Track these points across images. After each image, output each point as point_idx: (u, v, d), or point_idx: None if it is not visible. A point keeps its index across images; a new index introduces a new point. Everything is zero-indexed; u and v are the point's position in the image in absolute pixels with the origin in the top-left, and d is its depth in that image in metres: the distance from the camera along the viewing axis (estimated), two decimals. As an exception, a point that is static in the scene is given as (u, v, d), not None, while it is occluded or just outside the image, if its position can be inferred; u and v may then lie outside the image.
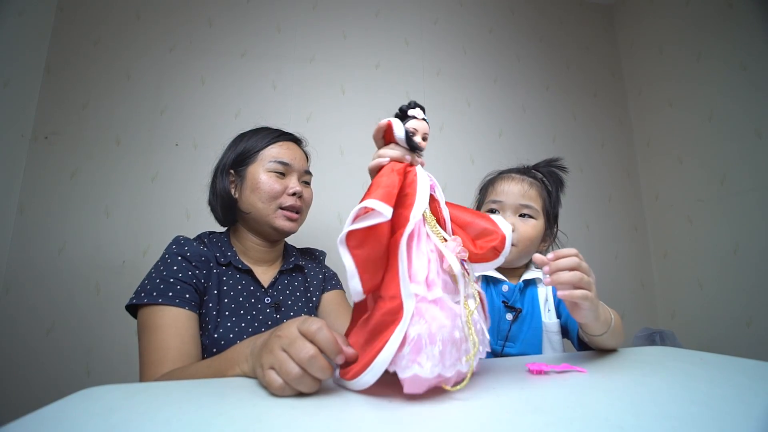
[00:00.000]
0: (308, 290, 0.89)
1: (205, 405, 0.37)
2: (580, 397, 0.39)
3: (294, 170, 0.85)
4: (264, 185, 0.81)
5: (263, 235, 0.85)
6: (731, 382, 0.43)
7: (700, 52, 1.61)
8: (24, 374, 1.20)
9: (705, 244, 1.58)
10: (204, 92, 1.49)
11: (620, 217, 1.81)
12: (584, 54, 1.94)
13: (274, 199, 0.82)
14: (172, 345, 0.65)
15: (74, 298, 1.26)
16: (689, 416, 0.33)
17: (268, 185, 0.81)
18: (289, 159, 0.84)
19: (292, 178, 0.85)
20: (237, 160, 0.85)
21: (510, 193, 0.79)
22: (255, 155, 0.84)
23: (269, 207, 0.81)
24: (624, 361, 0.55)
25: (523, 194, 0.78)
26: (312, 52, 1.62)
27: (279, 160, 0.83)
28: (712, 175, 1.55)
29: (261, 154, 0.84)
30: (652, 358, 0.56)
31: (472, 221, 0.51)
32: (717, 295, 1.52)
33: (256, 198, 0.81)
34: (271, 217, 0.81)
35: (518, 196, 0.78)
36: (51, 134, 1.35)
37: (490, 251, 0.49)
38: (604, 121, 1.89)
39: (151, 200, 1.37)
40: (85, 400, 0.37)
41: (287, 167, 0.84)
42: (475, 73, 1.78)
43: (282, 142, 0.87)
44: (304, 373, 0.38)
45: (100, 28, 1.45)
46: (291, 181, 0.84)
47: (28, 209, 1.29)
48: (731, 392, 0.40)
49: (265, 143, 0.85)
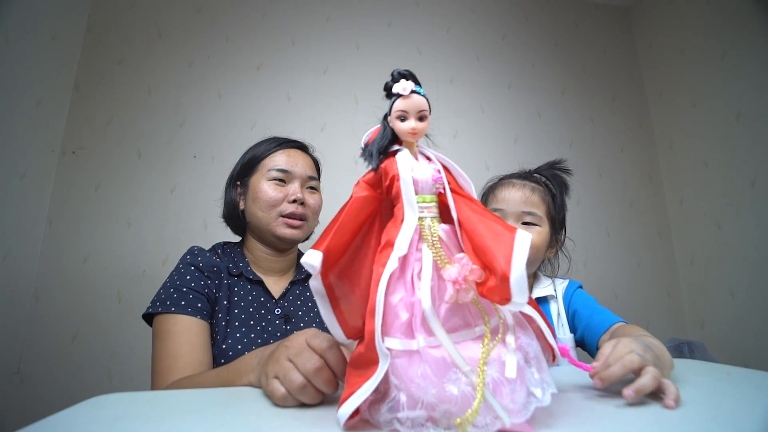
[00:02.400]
0: None
1: (209, 415, 0.37)
2: (592, 413, 0.37)
3: (295, 177, 0.84)
4: (263, 194, 0.81)
5: (269, 244, 0.85)
6: (761, 400, 0.41)
7: (725, 50, 1.55)
8: (51, 378, 1.25)
9: (735, 249, 1.50)
10: (221, 105, 1.53)
11: (642, 223, 1.75)
12: (601, 57, 1.90)
13: (274, 207, 0.81)
14: (184, 353, 0.66)
15: (98, 306, 1.31)
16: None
17: (267, 193, 0.81)
18: (288, 166, 0.84)
19: (293, 185, 0.84)
20: (242, 171, 0.86)
21: (511, 200, 0.76)
22: (257, 165, 0.84)
23: (269, 215, 0.81)
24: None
25: (525, 200, 0.75)
26: (325, 63, 1.65)
27: (278, 167, 0.83)
28: (742, 177, 1.48)
29: (262, 164, 0.84)
30: (674, 373, 0.53)
31: (484, 244, 0.35)
32: (750, 304, 1.44)
33: (257, 207, 0.81)
34: (273, 225, 0.81)
35: (520, 203, 0.75)
36: (78, 149, 1.41)
37: (497, 297, 0.34)
38: (624, 125, 1.84)
39: (170, 211, 1.41)
40: (93, 408, 0.38)
41: (287, 174, 0.83)
42: (489, 80, 1.77)
43: (283, 149, 0.86)
44: (308, 384, 0.38)
45: (124, 47, 1.52)
46: (291, 188, 0.83)
47: (56, 221, 1.35)
48: (760, 412, 0.37)
49: (267, 152, 0.85)
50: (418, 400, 0.32)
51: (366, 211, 0.39)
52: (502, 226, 0.35)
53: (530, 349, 0.35)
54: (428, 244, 0.36)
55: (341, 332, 0.38)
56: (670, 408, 0.37)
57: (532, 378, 0.34)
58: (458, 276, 0.33)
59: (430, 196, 0.38)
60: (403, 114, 0.38)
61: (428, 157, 0.41)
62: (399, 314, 0.34)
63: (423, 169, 0.38)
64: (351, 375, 0.35)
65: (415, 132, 0.38)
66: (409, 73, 0.38)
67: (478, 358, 0.32)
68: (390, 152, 0.39)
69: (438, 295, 0.35)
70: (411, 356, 0.33)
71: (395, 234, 0.36)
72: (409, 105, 0.37)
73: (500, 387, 0.32)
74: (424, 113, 0.38)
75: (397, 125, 0.38)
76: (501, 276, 0.32)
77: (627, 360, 0.41)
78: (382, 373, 0.32)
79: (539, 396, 0.33)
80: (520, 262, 0.31)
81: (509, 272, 0.31)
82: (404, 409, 0.32)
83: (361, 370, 0.35)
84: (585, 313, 0.73)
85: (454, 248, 0.37)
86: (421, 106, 0.38)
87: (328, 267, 0.38)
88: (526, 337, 0.36)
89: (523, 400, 0.32)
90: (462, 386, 0.31)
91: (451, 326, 0.35)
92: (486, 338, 0.34)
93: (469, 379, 0.31)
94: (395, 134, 0.39)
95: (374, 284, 0.34)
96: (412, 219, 0.36)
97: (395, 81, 0.38)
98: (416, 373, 0.32)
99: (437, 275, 0.35)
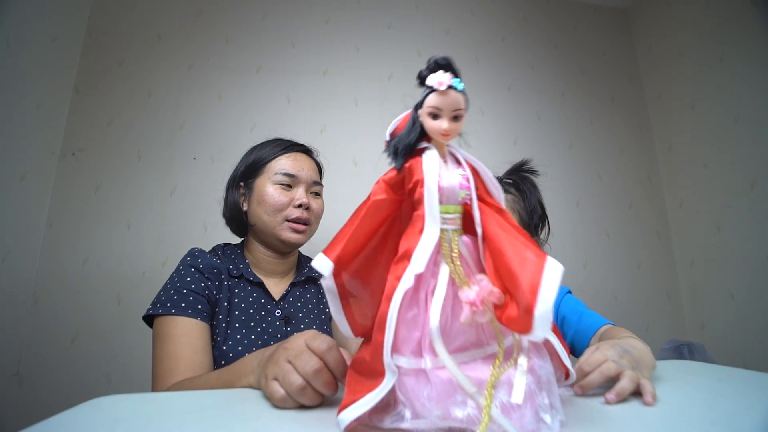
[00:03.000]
0: (321, 302, 0.89)
1: (208, 417, 0.37)
2: (587, 416, 0.37)
3: (301, 181, 0.85)
4: (269, 197, 0.81)
5: (272, 246, 0.85)
6: (761, 401, 0.41)
7: (723, 52, 1.56)
8: (51, 381, 1.25)
9: (735, 251, 1.50)
10: (221, 107, 1.53)
11: (642, 225, 1.75)
12: (600, 59, 1.90)
13: (280, 212, 0.82)
14: (184, 355, 0.66)
15: (97, 309, 1.31)
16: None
17: (273, 197, 0.81)
18: (295, 170, 0.84)
19: (299, 190, 0.84)
20: (246, 172, 0.86)
21: None
22: (263, 167, 0.84)
23: (275, 219, 0.81)
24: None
25: None
26: (325, 65, 1.65)
27: (285, 171, 0.83)
28: (741, 179, 1.48)
29: (268, 166, 0.84)
30: (673, 374, 0.53)
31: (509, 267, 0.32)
32: (750, 305, 1.44)
33: (262, 210, 0.82)
34: (278, 229, 0.81)
35: None
36: (78, 151, 1.41)
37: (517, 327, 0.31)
38: (623, 127, 1.84)
39: (170, 213, 1.41)
40: (92, 410, 0.38)
41: (293, 179, 0.84)
42: (489, 82, 1.77)
43: (289, 153, 0.86)
44: (307, 386, 0.38)
45: (124, 49, 1.52)
46: (297, 193, 0.84)
47: (56, 223, 1.35)
48: (760, 413, 0.37)
49: (273, 155, 0.85)
50: (422, 419, 0.31)
51: (383, 214, 0.37)
52: (531, 251, 0.32)
53: (542, 372, 0.34)
54: (447, 260, 0.33)
55: (348, 328, 0.39)
56: (649, 405, 0.39)
57: (542, 403, 0.32)
58: (476, 299, 0.31)
59: (454, 207, 0.35)
60: (435, 111, 0.33)
61: (458, 159, 0.37)
62: (410, 331, 0.33)
63: (450, 176, 0.35)
64: (353, 380, 0.35)
65: (447, 133, 0.34)
66: (447, 62, 0.33)
67: (486, 379, 0.31)
68: (417, 149, 0.36)
69: (452, 313, 0.33)
70: (418, 375, 0.32)
71: (414, 245, 0.33)
72: (443, 102, 0.33)
73: (509, 412, 0.31)
74: (459, 112, 0.33)
75: (428, 122, 0.34)
76: (525, 308, 0.29)
77: (604, 368, 0.43)
78: (387, 388, 0.32)
79: (548, 422, 0.32)
80: (549, 296, 0.29)
81: (534, 305, 0.29)
82: (408, 421, 0.32)
83: (364, 378, 0.34)
84: (573, 318, 0.73)
85: (474, 264, 0.35)
86: (457, 104, 0.33)
87: (342, 268, 0.37)
88: (540, 359, 0.34)
89: (532, 426, 0.31)
90: (468, 410, 0.30)
91: (462, 344, 0.34)
92: (498, 360, 0.33)
93: (476, 401, 0.30)
94: (423, 129, 0.35)
95: (386, 297, 0.33)
96: (433, 232, 0.33)
97: (431, 71, 0.33)
98: (422, 393, 0.31)
99: (453, 292, 0.33)
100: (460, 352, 0.33)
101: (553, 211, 1.69)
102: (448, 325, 0.33)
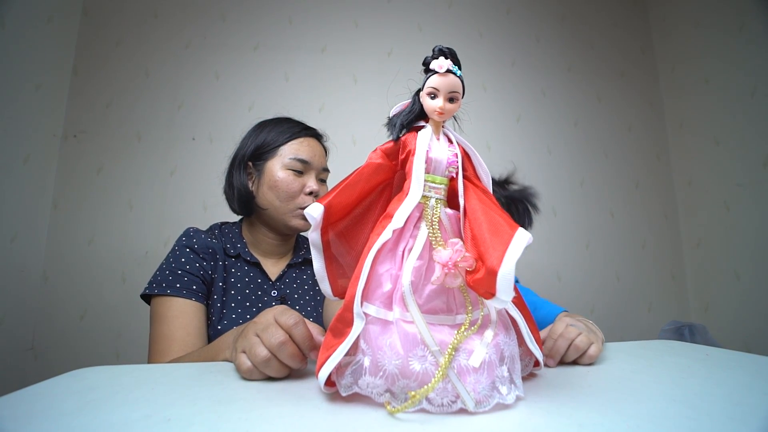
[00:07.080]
0: (317, 284, 0.89)
1: (178, 387, 0.38)
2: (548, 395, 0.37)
3: (313, 168, 0.83)
4: (282, 183, 0.79)
5: (276, 230, 0.84)
6: (732, 380, 0.40)
7: (743, 23, 1.47)
8: (63, 355, 1.31)
9: (744, 232, 1.46)
10: (219, 87, 1.52)
11: (648, 205, 1.71)
12: (611, 31, 1.82)
13: (293, 199, 0.80)
14: (177, 336, 0.67)
15: (103, 287, 1.35)
16: (674, 417, 0.31)
17: (286, 183, 0.79)
18: (308, 157, 0.82)
19: (310, 177, 0.82)
20: (255, 153, 0.83)
21: None
22: (274, 150, 0.82)
23: (287, 206, 0.80)
24: (625, 355, 0.52)
25: None
26: (323, 42, 1.62)
27: (298, 157, 0.81)
28: (753, 157, 1.43)
29: (281, 150, 0.81)
30: (649, 353, 0.53)
31: (481, 235, 0.34)
32: (755, 287, 1.41)
33: (274, 196, 0.80)
34: (288, 216, 0.80)
35: None
36: (79, 133, 1.43)
37: (482, 290, 0.33)
38: (632, 102, 1.77)
39: (170, 193, 1.43)
40: (72, 380, 0.40)
41: (306, 165, 0.82)
42: (492, 57, 1.71)
43: (303, 138, 0.84)
44: (272, 357, 0.39)
45: (121, 28, 1.51)
46: (309, 180, 0.82)
47: (61, 204, 1.38)
48: (723, 391, 0.37)
49: (286, 138, 0.82)
50: (380, 368, 0.32)
51: (377, 178, 0.40)
52: (505, 222, 0.34)
53: (506, 349, 0.35)
54: (427, 223, 0.36)
55: (329, 288, 0.41)
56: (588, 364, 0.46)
57: (501, 375, 0.33)
58: (449, 260, 0.33)
59: (440, 178, 0.38)
60: (433, 91, 0.37)
61: (451, 140, 0.40)
62: (382, 284, 0.35)
63: (440, 149, 0.38)
64: (328, 339, 0.36)
65: (442, 112, 0.37)
66: (450, 51, 0.38)
67: (450, 342, 0.32)
68: (414, 127, 0.40)
69: (425, 275, 0.35)
70: (385, 326, 0.34)
71: (397, 207, 0.36)
72: (441, 83, 0.37)
73: (464, 374, 0.32)
74: (455, 95, 0.37)
75: (426, 102, 0.38)
76: (489, 269, 0.31)
77: (566, 332, 0.48)
78: (356, 333, 0.33)
79: (503, 393, 0.33)
80: (512, 259, 0.31)
81: (498, 267, 0.31)
82: (366, 375, 0.33)
83: (337, 334, 0.36)
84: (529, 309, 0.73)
85: (453, 234, 0.37)
86: (453, 86, 0.37)
87: (329, 224, 0.40)
88: (506, 337, 0.35)
89: (486, 392, 0.32)
90: (426, 364, 0.31)
91: (432, 308, 0.35)
92: (463, 326, 0.34)
93: (436, 358, 0.31)
94: (423, 111, 0.39)
95: (366, 250, 0.35)
96: (415, 194, 0.36)
97: (434, 57, 0.37)
98: (385, 342, 0.33)
99: (429, 256, 0.35)
100: (430, 314, 0.35)
101: (556, 190, 1.68)
102: (421, 286, 0.35)
